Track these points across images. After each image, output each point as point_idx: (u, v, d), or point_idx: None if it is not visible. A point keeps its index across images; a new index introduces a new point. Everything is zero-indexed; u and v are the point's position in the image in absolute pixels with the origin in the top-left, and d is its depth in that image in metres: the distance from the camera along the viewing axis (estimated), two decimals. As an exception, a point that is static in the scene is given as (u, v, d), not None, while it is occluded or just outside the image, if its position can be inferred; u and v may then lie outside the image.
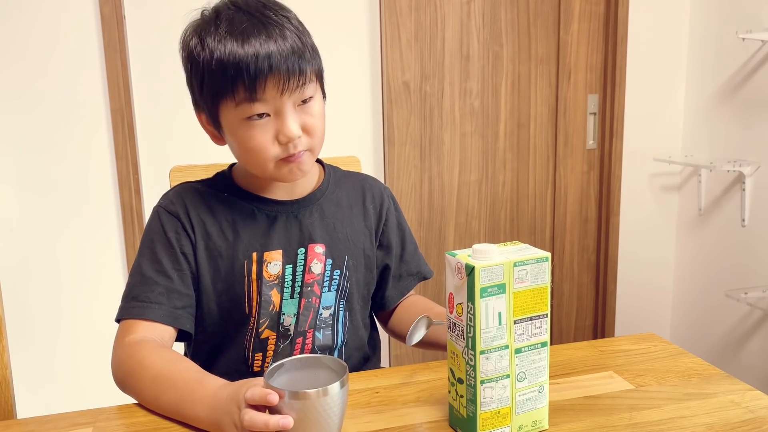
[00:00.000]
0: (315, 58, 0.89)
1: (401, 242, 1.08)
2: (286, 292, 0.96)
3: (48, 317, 1.95)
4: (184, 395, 0.79)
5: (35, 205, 1.88)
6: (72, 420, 0.83)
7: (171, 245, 0.94)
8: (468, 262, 0.69)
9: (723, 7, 2.22)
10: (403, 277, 1.08)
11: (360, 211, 1.04)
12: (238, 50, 0.83)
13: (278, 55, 0.84)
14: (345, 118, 2.10)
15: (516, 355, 0.72)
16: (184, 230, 0.94)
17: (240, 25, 0.84)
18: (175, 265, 0.93)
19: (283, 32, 0.85)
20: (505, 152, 2.31)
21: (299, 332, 0.97)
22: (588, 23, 2.30)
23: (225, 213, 0.96)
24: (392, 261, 1.07)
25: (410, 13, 2.11)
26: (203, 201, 0.97)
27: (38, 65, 1.83)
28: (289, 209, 0.98)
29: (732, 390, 0.85)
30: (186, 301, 0.93)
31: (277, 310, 0.96)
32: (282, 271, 0.95)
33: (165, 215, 0.96)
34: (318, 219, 0.99)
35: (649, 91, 2.38)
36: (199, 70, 0.87)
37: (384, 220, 1.06)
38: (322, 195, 1.01)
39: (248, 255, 0.94)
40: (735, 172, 2.19)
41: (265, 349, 0.97)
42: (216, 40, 0.84)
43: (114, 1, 1.82)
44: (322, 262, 0.97)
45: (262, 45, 0.83)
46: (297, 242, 0.97)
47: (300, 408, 0.67)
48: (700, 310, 2.44)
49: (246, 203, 0.97)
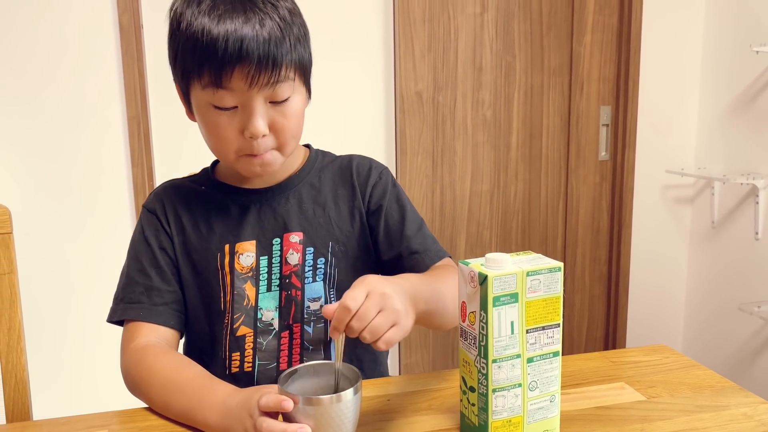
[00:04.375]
0: (296, 49, 0.83)
1: (400, 218, 0.97)
2: (261, 284, 0.92)
3: (60, 320, 1.97)
4: (193, 402, 0.80)
5: (51, 209, 1.91)
6: (87, 422, 0.84)
7: (149, 244, 0.94)
8: (481, 271, 0.70)
9: (737, 20, 2.22)
10: (404, 256, 0.95)
11: (347, 192, 0.97)
12: (212, 29, 0.78)
13: (252, 42, 0.78)
14: (358, 128, 2.12)
15: (528, 364, 0.73)
16: (162, 227, 0.94)
17: (222, 5, 0.80)
18: (153, 263, 0.93)
19: (264, 19, 0.80)
20: (517, 163, 2.32)
21: (284, 326, 0.93)
22: (601, 35, 2.31)
23: (200, 207, 0.95)
24: (387, 238, 0.97)
25: (424, 25, 2.13)
26: (180, 197, 0.96)
27: (57, 72, 1.86)
28: (263, 198, 0.94)
29: (745, 403, 0.84)
30: (167, 297, 0.92)
31: (252, 304, 0.92)
32: (256, 263, 0.92)
33: (145, 215, 0.96)
34: (295, 206, 0.94)
35: (662, 103, 2.38)
36: (174, 43, 0.84)
37: (369, 195, 0.97)
38: (300, 181, 0.96)
39: (221, 247, 0.92)
40: (748, 185, 2.18)
41: (243, 347, 0.93)
42: (194, 15, 0.80)
43: (132, 11, 1.85)
44: (299, 252, 0.93)
45: (237, 28, 0.78)
46: (271, 232, 0.93)
47: (314, 414, 0.67)
48: (712, 324, 2.42)
49: (220, 195, 0.95)
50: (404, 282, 0.75)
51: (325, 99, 1.96)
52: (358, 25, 2.06)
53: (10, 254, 0.95)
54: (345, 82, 2.08)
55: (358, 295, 0.68)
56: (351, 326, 0.67)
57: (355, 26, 2.07)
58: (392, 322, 0.69)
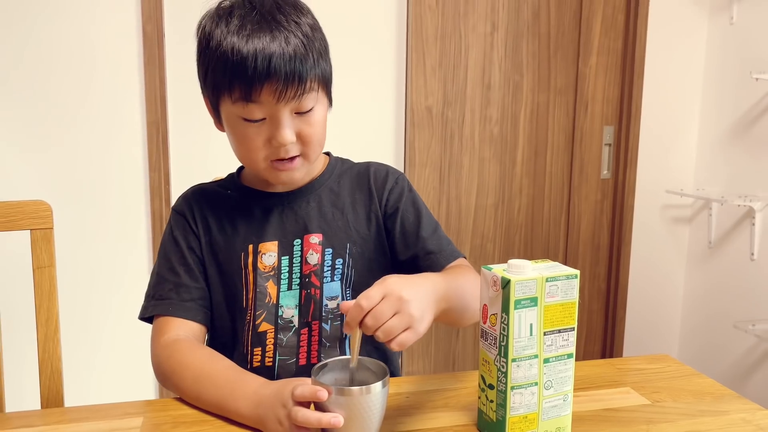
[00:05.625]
0: (319, 64, 0.89)
1: (416, 221, 1.01)
2: (283, 283, 0.97)
3: (77, 321, 2.01)
4: (225, 393, 0.84)
5: (68, 209, 1.95)
6: (123, 410, 0.88)
7: (177, 243, 0.99)
8: (504, 276, 0.75)
9: (738, 48, 2.30)
10: (420, 257, 1.00)
11: (364, 196, 1.03)
12: (241, 48, 0.84)
13: (279, 59, 0.84)
14: (369, 138, 2.18)
15: (544, 364, 0.78)
16: (190, 228, 1.00)
17: (249, 24, 0.85)
18: (182, 261, 0.98)
19: (289, 36, 0.85)
20: (522, 178, 2.38)
21: (303, 324, 0.98)
22: (606, 57, 2.38)
23: (226, 209, 1.00)
24: (403, 240, 1.01)
25: (436, 42, 2.20)
26: (208, 200, 1.02)
27: (80, 77, 1.92)
28: (285, 200, 1.00)
29: (743, 409, 0.90)
30: (195, 293, 0.97)
31: (274, 302, 0.97)
32: (278, 262, 0.97)
33: (174, 216, 1.02)
34: (315, 209, 1.00)
35: (663, 125, 2.45)
36: (205, 60, 0.90)
37: (386, 199, 1.02)
38: (320, 185, 1.02)
39: (244, 247, 0.97)
40: (745, 207, 2.24)
41: (264, 343, 0.98)
42: (223, 34, 0.86)
43: (156, 20, 1.91)
44: (318, 252, 0.98)
45: (265, 46, 0.84)
46: (293, 233, 0.98)
47: (345, 404, 0.72)
48: (707, 340, 2.48)
49: (245, 198, 1.01)
50: (426, 282, 0.80)
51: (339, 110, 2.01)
52: (372, 40, 2.13)
53: (51, 249, 1.00)
54: (358, 95, 2.14)
55: (374, 294, 0.73)
56: (366, 323, 0.72)
57: (369, 41, 2.13)
58: (406, 325, 0.73)
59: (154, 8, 1.90)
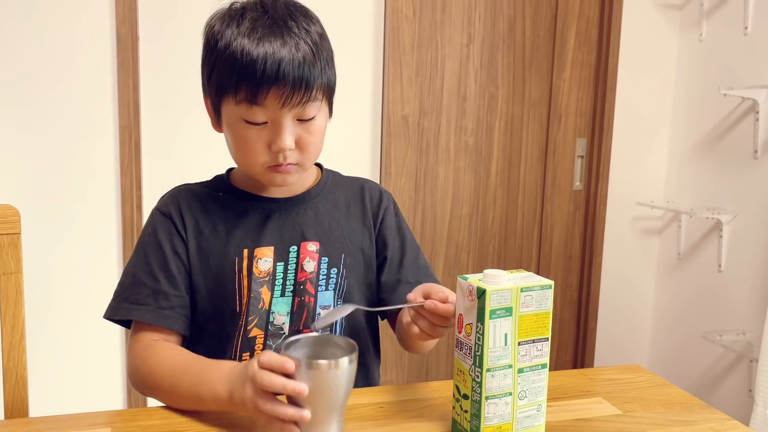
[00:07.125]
0: (326, 72, 0.91)
1: (401, 247, 1.05)
2: (276, 289, 0.96)
3: (43, 329, 1.96)
4: (202, 377, 0.84)
5: (37, 214, 1.91)
6: (90, 420, 0.86)
7: (161, 247, 0.96)
8: (479, 285, 0.76)
9: (707, 65, 2.36)
10: (401, 283, 1.03)
11: (358, 210, 1.04)
12: (251, 50, 0.84)
13: (288, 65, 0.85)
14: (346, 147, 2.17)
15: (519, 374, 0.78)
16: (176, 230, 0.96)
17: (261, 28, 0.86)
18: (163, 266, 0.95)
19: (299, 42, 0.87)
20: (496, 189, 2.40)
21: (294, 331, 0.97)
22: (580, 71, 2.42)
23: (219, 212, 0.98)
24: (388, 264, 1.04)
25: (413, 52, 2.21)
26: (197, 201, 0.99)
27: (52, 79, 1.88)
28: (283, 206, 0.99)
29: (712, 419, 0.91)
30: (174, 301, 0.94)
31: (266, 308, 0.96)
32: (273, 268, 0.96)
33: (158, 217, 0.99)
34: (312, 217, 1.00)
35: (634, 138, 2.49)
36: (211, 59, 0.89)
37: (381, 219, 1.05)
38: (317, 194, 1.02)
39: (239, 252, 0.96)
40: (713, 220, 2.29)
41: (252, 348, 0.96)
42: (233, 35, 0.86)
43: (130, 23, 1.89)
44: (315, 260, 0.98)
45: (276, 51, 0.85)
46: (289, 240, 0.98)
47: (312, 377, 0.72)
48: (676, 350, 2.52)
49: (240, 201, 0.99)
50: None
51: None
52: (349, 49, 2.13)
53: (18, 254, 0.97)
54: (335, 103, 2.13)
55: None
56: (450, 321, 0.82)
57: (346, 50, 2.13)
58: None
59: (129, 11, 1.88)
